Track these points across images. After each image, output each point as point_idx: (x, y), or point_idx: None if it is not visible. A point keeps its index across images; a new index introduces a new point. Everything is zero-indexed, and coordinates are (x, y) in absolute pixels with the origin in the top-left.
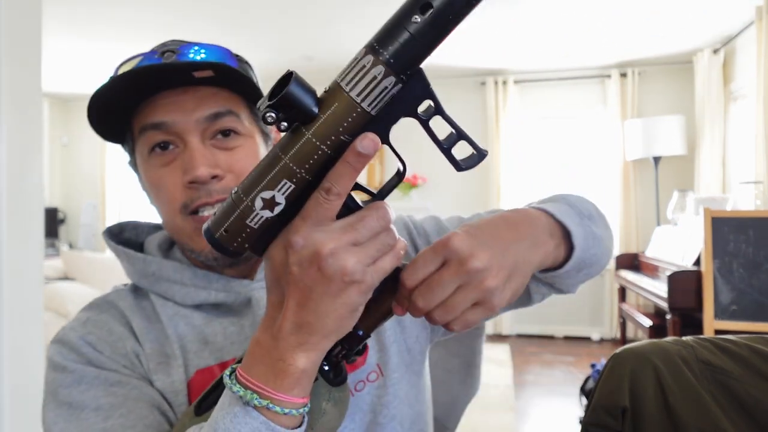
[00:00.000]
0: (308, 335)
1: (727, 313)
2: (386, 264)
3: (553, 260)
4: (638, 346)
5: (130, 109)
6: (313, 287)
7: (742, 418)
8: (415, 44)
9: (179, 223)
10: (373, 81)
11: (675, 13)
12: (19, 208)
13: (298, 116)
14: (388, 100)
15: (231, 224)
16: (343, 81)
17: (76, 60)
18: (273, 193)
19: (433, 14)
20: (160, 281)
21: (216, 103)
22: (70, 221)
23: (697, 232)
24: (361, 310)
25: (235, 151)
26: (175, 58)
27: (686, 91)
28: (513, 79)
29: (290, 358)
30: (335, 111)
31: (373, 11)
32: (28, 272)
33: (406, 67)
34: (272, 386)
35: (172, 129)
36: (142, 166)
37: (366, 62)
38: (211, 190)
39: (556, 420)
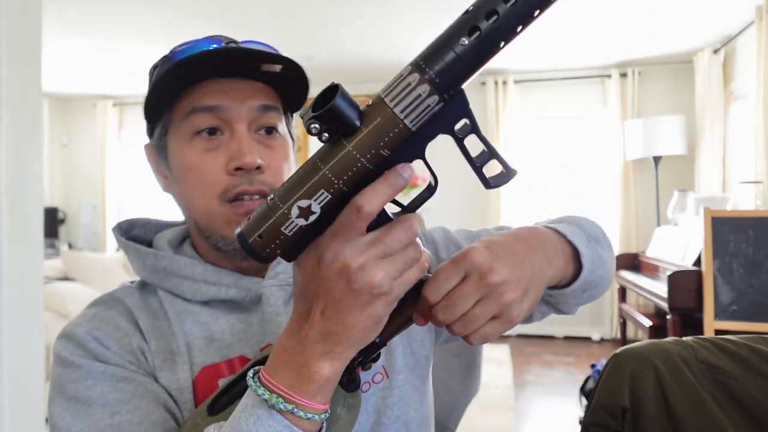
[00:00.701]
0: (334, 345)
1: (727, 313)
2: (412, 276)
3: (561, 278)
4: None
5: (178, 91)
6: (341, 300)
7: (742, 418)
8: (461, 65)
9: (215, 209)
10: (417, 99)
11: (675, 13)
12: (19, 208)
13: (340, 128)
14: (430, 118)
15: (265, 230)
16: (387, 96)
17: (76, 60)
18: (309, 202)
19: (480, 38)
20: (170, 277)
21: (266, 98)
22: (70, 221)
23: (697, 232)
24: (385, 321)
25: (275, 150)
26: (240, 47)
27: (686, 90)
28: (513, 79)
29: (315, 365)
30: (377, 125)
31: (373, 11)
32: (28, 272)
33: (450, 86)
34: (296, 391)
35: (225, 115)
36: (178, 148)
37: (411, 80)
38: (254, 179)
39: (556, 420)
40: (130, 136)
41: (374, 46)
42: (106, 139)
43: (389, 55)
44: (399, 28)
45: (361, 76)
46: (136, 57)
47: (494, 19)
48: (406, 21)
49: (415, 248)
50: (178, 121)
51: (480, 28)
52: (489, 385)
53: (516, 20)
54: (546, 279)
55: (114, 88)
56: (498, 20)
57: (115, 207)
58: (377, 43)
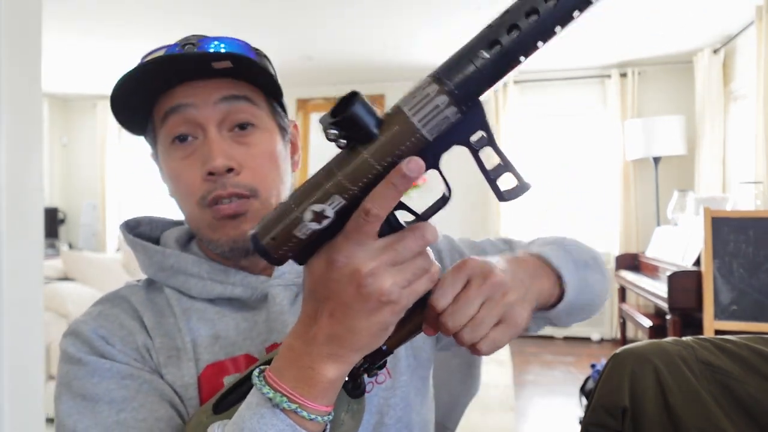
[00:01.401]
0: (339, 347)
1: (727, 313)
2: (420, 287)
3: (546, 298)
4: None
5: (152, 100)
6: (350, 304)
7: (742, 418)
8: (480, 78)
9: (197, 215)
10: (435, 109)
11: (675, 13)
12: (19, 208)
13: (357, 135)
14: (447, 128)
15: (279, 232)
16: (405, 106)
17: (76, 60)
18: (323, 207)
19: (500, 51)
20: (177, 274)
21: (233, 88)
22: (70, 221)
23: (697, 232)
24: (392, 329)
25: (252, 147)
26: (195, 50)
27: (686, 90)
28: (513, 79)
29: (320, 367)
30: (395, 133)
31: (372, 11)
32: (28, 272)
33: (468, 98)
34: (300, 392)
35: (193, 116)
36: (162, 156)
37: (431, 91)
38: (227, 182)
39: (556, 420)
40: (129, 136)
41: (374, 46)
42: (106, 139)
43: (388, 55)
44: (398, 27)
45: (360, 76)
46: (136, 57)
47: (515, 34)
48: (405, 21)
49: (426, 259)
50: (158, 129)
51: (500, 42)
52: (489, 385)
53: (537, 35)
54: (535, 292)
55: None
56: (519, 35)
57: (115, 207)
58: (376, 43)
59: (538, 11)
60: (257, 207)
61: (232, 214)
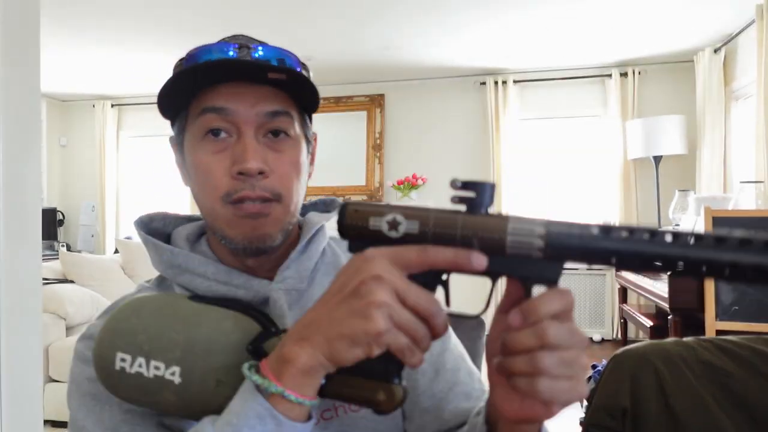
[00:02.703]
0: (312, 332)
1: (729, 314)
2: (403, 341)
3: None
4: (639, 347)
5: (193, 92)
6: (345, 294)
7: (743, 418)
8: (577, 247)
9: (218, 210)
10: (527, 242)
11: (675, 12)
12: (18, 209)
13: (471, 202)
14: (524, 256)
15: (363, 210)
16: (514, 216)
17: (74, 61)
18: (402, 221)
19: (605, 230)
20: (184, 273)
21: (276, 103)
22: (68, 222)
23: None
24: (350, 356)
25: (283, 154)
26: (249, 54)
27: (687, 90)
28: (513, 79)
29: (289, 347)
30: (489, 221)
31: (371, 12)
32: (27, 274)
33: (556, 254)
34: (276, 374)
35: (232, 117)
36: (191, 147)
37: (538, 229)
38: (256, 184)
39: (556, 420)
40: (128, 136)
41: (372, 47)
42: (105, 140)
43: (387, 55)
44: (398, 28)
45: (360, 76)
46: (134, 58)
47: (625, 237)
48: (405, 21)
49: (425, 334)
50: (192, 120)
51: (611, 230)
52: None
53: (633, 258)
54: None
55: (112, 88)
56: (629, 238)
57: (114, 208)
58: (376, 43)
59: (663, 257)
60: (279, 211)
61: (255, 213)
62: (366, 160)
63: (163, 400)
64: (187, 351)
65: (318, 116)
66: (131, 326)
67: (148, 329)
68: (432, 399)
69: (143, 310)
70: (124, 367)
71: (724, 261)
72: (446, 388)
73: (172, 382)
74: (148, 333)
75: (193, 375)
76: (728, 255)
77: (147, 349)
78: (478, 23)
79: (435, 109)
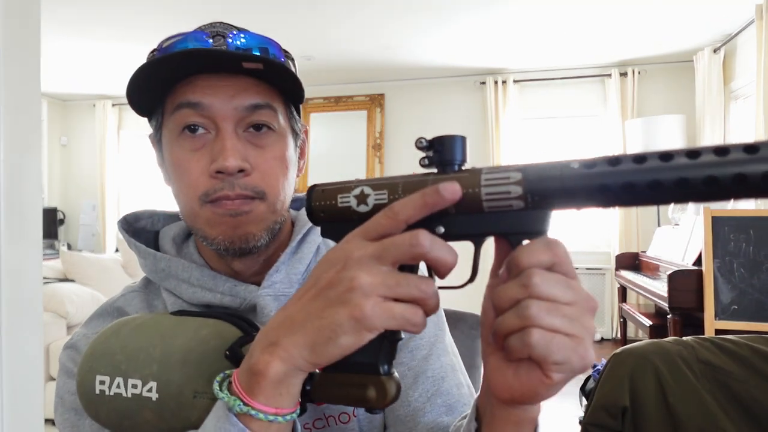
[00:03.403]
0: (282, 335)
1: (728, 313)
2: (399, 311)
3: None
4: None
5: (168, 86)
6: (321, 286)
7: (743, 417)
8: (559, 187)
9: (197, 210)
10: (503, 191)
11: (675, 12)
12: (18, 208)
13: (442, 163)
14: (503, 210)
15: (329, 189)
16: (486, 168)
17: (75, 60)
18: (370, 192)
19: (588, 165)
20: (169, 278)
21: (257, 95)
22: (69, 221)
23: (697, 231)
24: (336, 349)
25: (265, 150)
26: (225, 44)
27: (686, 90)
28: (513, 79)
29: (257, 356)
30: (461, 178)
31: (371, 11)
32: (27, 273)
33: (538, 200)
34: (245, 388)
35: (208, 112)
36: (169, 144)
37: (515, 176)
38: (235, 183)
39: (556, 420)
40: (129, 136)
41: (372, 46)
42: (105, 140)
43: (387, 54)
44: (397, 28)
45: (360, 76)
46: (135, 56)
47: (610, 168)
48: (405, 21)
49: (424, 290)
50: (168, 116)
51: (594, 164)
52: None
53: (623, 191)
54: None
55: (113, 88)
56: (615, 168)
57: (115, 207)
58: (375, 43)
59: (633, 186)
60: (262, 209)
61: (235, 211)
62: (366, 159)
63: (143, 421)
64: (163, 364)
65: (318, 116)
66: (110, 347)
67: (126, 348)
68: (407, 408)
69: (123, 330)
70: (104, 390)
71: (728, 174)
72: (424, 398)
73: (150, 399)
74: (125, 352)
75: (169, 388)
76: (734, 167)
77: (124, 368)
78: (478, 23)
79: (435, 108)
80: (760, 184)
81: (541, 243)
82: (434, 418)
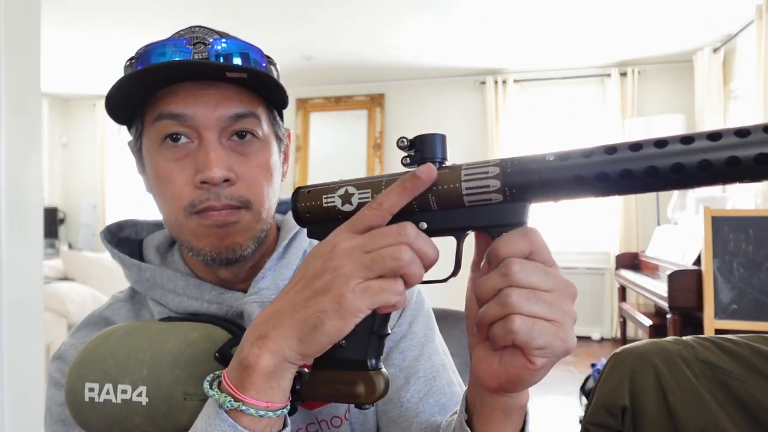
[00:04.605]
0: (270, 327)
1: (728, 313)
2: (373, 287)
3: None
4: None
5: (148, 94)
6: (305, 276)
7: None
8: (537, 179)
9: (182, 221)
10: (483, 185)
11: (675, 12)
12: (19, 208)
13: (423, 161)
14: (483, 203)
15: (314, 191)
16: (465, 169)
17: (75, 60)
18: (354, 192)
19: (561, 157)
20: (155, 287)
21: (240, 104)
22: (69, 221)
23: (697, 231)
24: (323, 337)
25: (250, 158)
26: (206, 51)
27: (686, 89)
28: (513, 79)
29: (247, 350)
30: (443, 174)
31: (370, 12)
32: (28, 272)
33: (516, 192)
34: (236, 383)
35: (191, 122)
36: (150, 153)
37: (493, 171)
38: (221, 193)
39: (556, 420)
40: (129, 135)
41: (372, 46)
42: (105, 139)
43: (386, 54)
44: (396, 28)
45: (360, 76)
46: None
47: (584, 160)
48: (403, 21)
49: (395, 252)
50: (148, 125)
51: (568, 156)
52: None
53: (597, 180)
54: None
55: None
56: (588, 160)
57: (115, 207)
58: (375, 43)
59: (608, 176)
60: (248, 219)
61: (222, 222)
62: (366, 159)
63: (133, 427)
64: (153, 368)
65: (318, 116)
66: (99, 354)
67: (116, 353)
68: (400, 408)
69: (112, 337)
70: (93, 397)
71: (694, 161)
72: (417, 398)
73: (140, 404)
74: (115, 357)
75: (160, 391)
76: (699, 155)
77: (114, 373)
78: (478, 23)
79: (435, 108)
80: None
81: (518, 233)
82: (427, 418)
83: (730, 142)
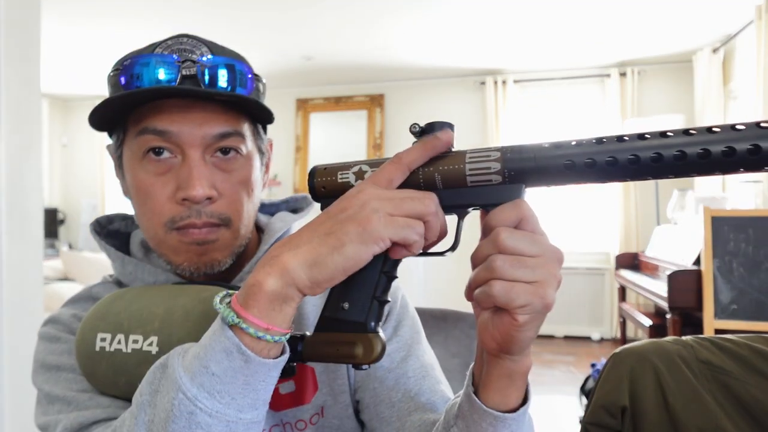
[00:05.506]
0: (283, 251)
1: (727, 313)
2: (400, 224)
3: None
4: (638, 345)
5: (133, 107)
6: (330, 212)
7: (742, 417)
8: (533, 164)
9: (161, 236)
10: (484, 167)
11: (675, 12)
12: (19, 208)
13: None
14: (484, 183)
15: (331, 168)
16: (469, 152)
17: (75, 61)
18: (368, 171)
19: (556, 145)
20: (136, 281)
21: (226, 123)
22: (69, 221)
23: (696, 231)
24: (339, 258)
25: (232, 174)
26: (194, 68)
27: (686, 90)
28: (513, 79)
29: (258, 273)
30: (450, 160)
31: (370, 12)
32: (28, 273)
33: (514, 174)
34: (243, 304)
35: (176, 139)
36: (131, 164)
37: (494, 154)
38: (202, 211)
39: (556, 420)
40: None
41: (372, 46)
42: (105, 140)
43: (387, 54)
44: (396, 29)
45: (360, 76)
46: None
47: (581, 145)
48: (403, 22)
49: (425, 212)
50: (131, 137)
51: (561, 145)
52: None
53: (588, 166)
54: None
55: None
56: (583, 146)
57: (115, 207)
58: (375, 44)
59: (596, 162)
60: (228, 236)
61: (201, 240)
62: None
63: (140, 376)
64: (165, 321)
65: (318, 116)
66: (114, 308)
67: (130, 307)
68: (392, 409)
69: (127, 294)
70: (104, 347)
71: (671, 150)
72: (407, 398)
73: (150, 353)
74: (129, 311)
75: (170, 342)
76: (675, 148)
77: (126, 325)
78: (478, 23)
79: (435, 108)
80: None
81: (509, 205)
82: (420, 417)
83: (701, 139)
